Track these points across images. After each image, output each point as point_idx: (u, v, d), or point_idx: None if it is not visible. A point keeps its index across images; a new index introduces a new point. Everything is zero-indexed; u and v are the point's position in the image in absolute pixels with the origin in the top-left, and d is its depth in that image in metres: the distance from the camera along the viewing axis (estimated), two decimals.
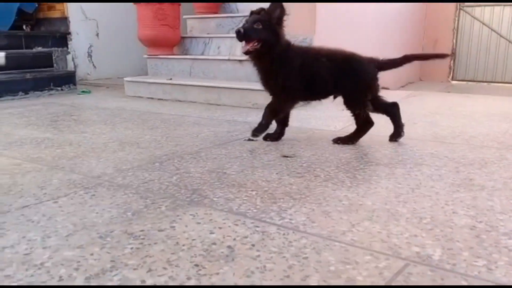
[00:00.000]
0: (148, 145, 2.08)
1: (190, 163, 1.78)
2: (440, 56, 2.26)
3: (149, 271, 0.95)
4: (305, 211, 1.28)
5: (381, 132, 2.38)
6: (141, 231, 1.14)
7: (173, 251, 1.04)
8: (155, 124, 2.61)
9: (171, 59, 4.03)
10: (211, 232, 1.14)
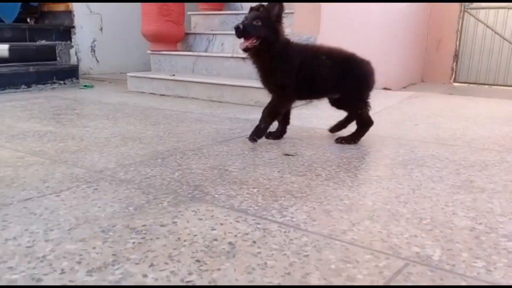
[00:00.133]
0: (150, 140, 2.09)
1: (192, 159, 1.79)
2: None
3: (151, 265, 0.96)
4: (306, 210, 1.29)
5: (381, 132, 2.39)
6: (143, 226, 1.15)
7: (174, 247, 1.04)
8: (157, 120, 2.62)
9: (174, 55, 4.03)
10: (213, 229, 1.15)
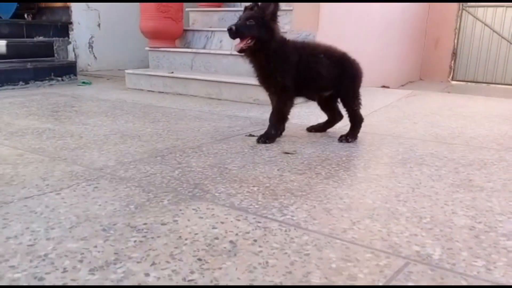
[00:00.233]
0: (149, 138, 2.09)
1: (191, 157, 1.79)
2: None
3: (152, 264, 0.96)
4: (306, 208, 1.29)
5: (380, 130, 2.39)
6: (144, 224, 1.15)
7: (176, 245, 1.05)
8: (156, 117, 2.61)
9: (172, 52, 4.02)
10: (214, 227, 1.15)
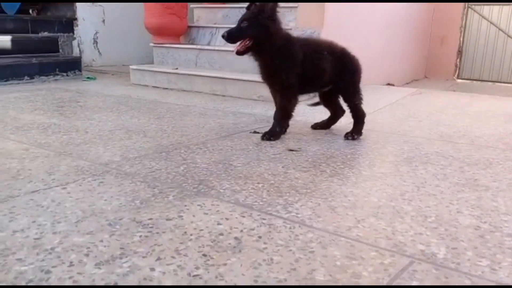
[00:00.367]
0: (154, 134, 2.09)
1: (196, 153, 1.79)
2: None
3: (158, 259, 0.96)
4: (311, 206, 1.29)
5: (385, 128, 2.39)
6: (150, 219, 1.16)
7: (181, 241, 1.05)
8: (161, 113, 2.62)
9: (177, 48, 4.02)
10: (219, 223, 1.15)
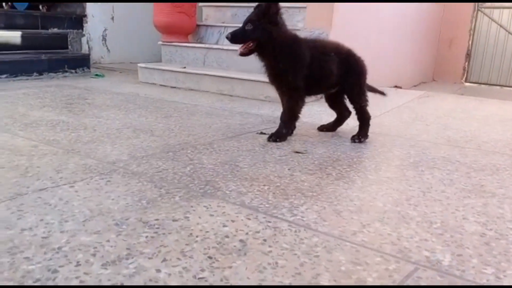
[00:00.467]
0: (161, 133, 2.10)
1: (203, 154, 1.80)
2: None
3: (163, 260, 0.97)
4: (317, 209, 1.30)
5: (392, 131, 2.39)
6: (156, 220, 1.17)
7: (187, 242, 1.06)
8: (168, 112, 2.63)
9: (185, 47, 4.03)
10: (224, 225, 1.16)
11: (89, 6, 4.97)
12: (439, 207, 1.37)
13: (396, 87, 4.81)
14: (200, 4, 4.43)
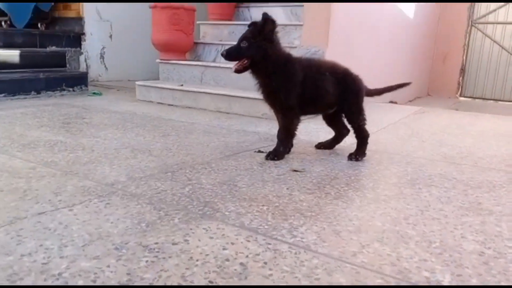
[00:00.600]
0: (159, 153, 2.11)
1: (201, 173, 1.80)
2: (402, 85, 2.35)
3: (165, 286, 0.97)
4: (316, 230, 1.30)
5: (389, 148, 2.40)
6: (156, 243, 1.17)
7: (187, 266, 1.06)
8: (166, 131, 2.64)
9: (183, 65, 4.07)
10: (224, 248, 1.16)
11: (87, 24, 5.03)
12: (437, 225, 1.38)
13: (391, 102, 4.85)
14: (198, 21, 4.48)
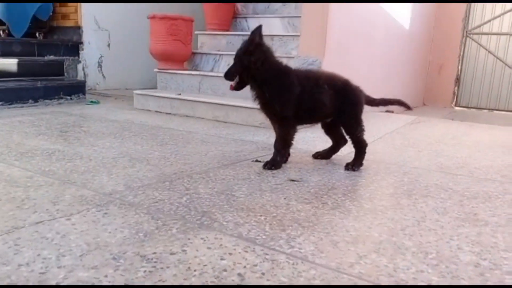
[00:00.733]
0: (157, 162, 2.11)
1: (199, 183, 1.81)
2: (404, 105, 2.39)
3: None
4: (314, 240, 1.31)
5: (386, 158, 2.42)
6: (153, 253, 1.17)
7: (185, 277, 1.06)
8: (164, 140, 2.65)
9: (180, 74, 4.09)
10: (222, 258, 1.16)
11: (85, 33, 5.05)
12: (433, 236, 1.39)
13: (388, 111, 4.88)
14: (196, 32, 4.51)
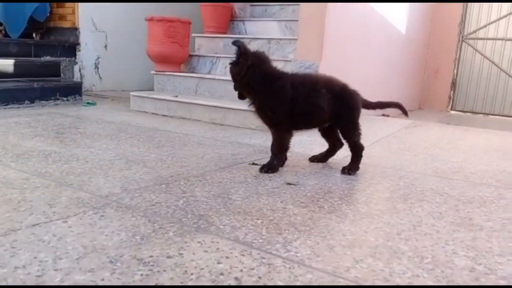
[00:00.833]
0: (154, 164, 2.11)
1: (196, 186, 1.81)
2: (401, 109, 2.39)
3: None
4: (310, 244, 1.31)
5: (382, 162, 2.43)
6: (150, 257, 1.17)
7: (182, 280, 1.06)
8: (160, 142, 2.65)
9: (177, 76, 4.09)
10: (219, 262, 1.16)
11: (82, 35, 5.04)
12: (429, 241, 1.40)
13: (384, 115, 4.90)
14: (193, 34, 4.52)
